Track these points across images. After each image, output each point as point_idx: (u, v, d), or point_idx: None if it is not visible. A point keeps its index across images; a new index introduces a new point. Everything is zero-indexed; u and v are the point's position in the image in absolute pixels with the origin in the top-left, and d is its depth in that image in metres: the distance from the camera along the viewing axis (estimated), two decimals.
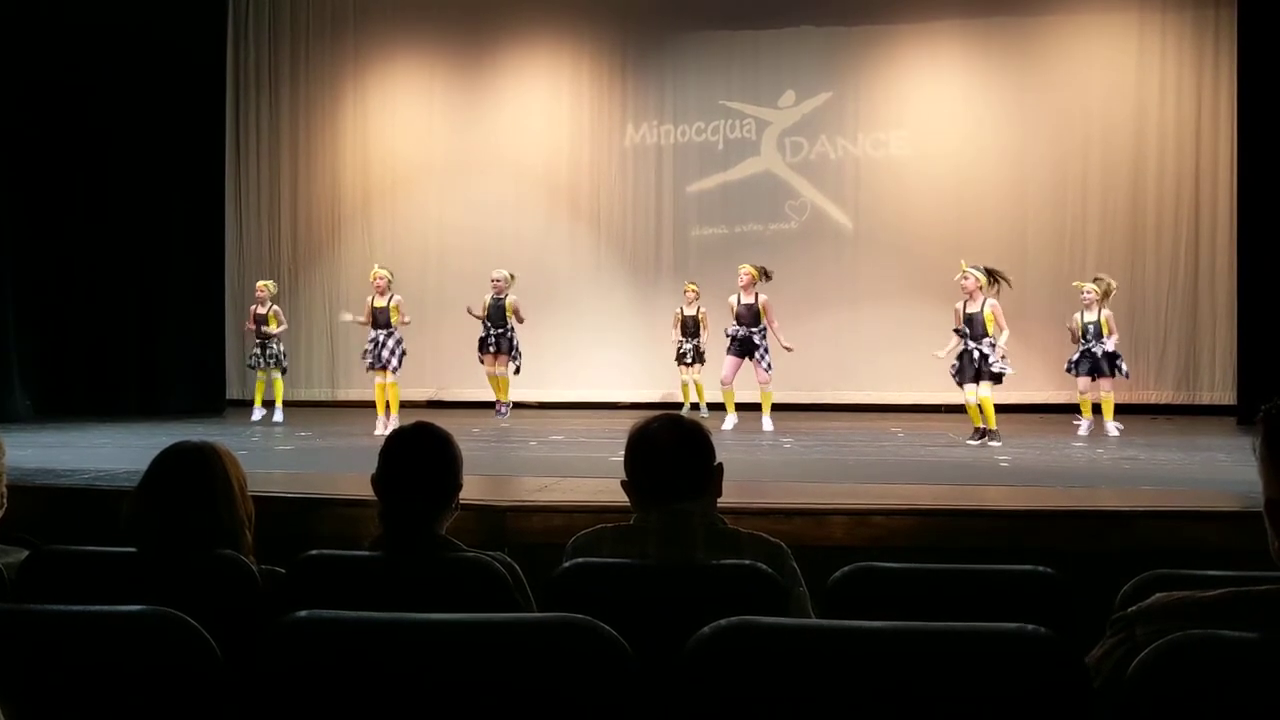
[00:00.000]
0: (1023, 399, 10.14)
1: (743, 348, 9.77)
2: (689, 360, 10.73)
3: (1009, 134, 11.75)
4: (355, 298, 12.71)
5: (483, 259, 12.26)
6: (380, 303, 9.70)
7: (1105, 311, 9.30)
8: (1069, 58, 11.67)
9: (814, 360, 11.43)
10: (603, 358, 12.12)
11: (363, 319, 9.83)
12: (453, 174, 12.70)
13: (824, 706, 1.43)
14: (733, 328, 9.86)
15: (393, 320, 9.64)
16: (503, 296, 10.33)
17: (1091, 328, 9.22)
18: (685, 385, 10.92)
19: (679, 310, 10.87)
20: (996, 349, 8.41)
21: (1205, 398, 11.26)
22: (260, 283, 11.22)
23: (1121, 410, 10.50)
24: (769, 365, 9.73)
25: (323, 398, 12.80)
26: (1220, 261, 11.22)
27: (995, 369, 8.36)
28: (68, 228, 11.21)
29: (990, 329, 8.40)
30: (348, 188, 12.91)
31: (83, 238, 11.27)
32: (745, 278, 9.85)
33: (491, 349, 10.37)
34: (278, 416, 10.68)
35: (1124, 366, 9.36)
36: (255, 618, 2.20)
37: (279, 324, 11.03)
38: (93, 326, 11.41)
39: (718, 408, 10.40)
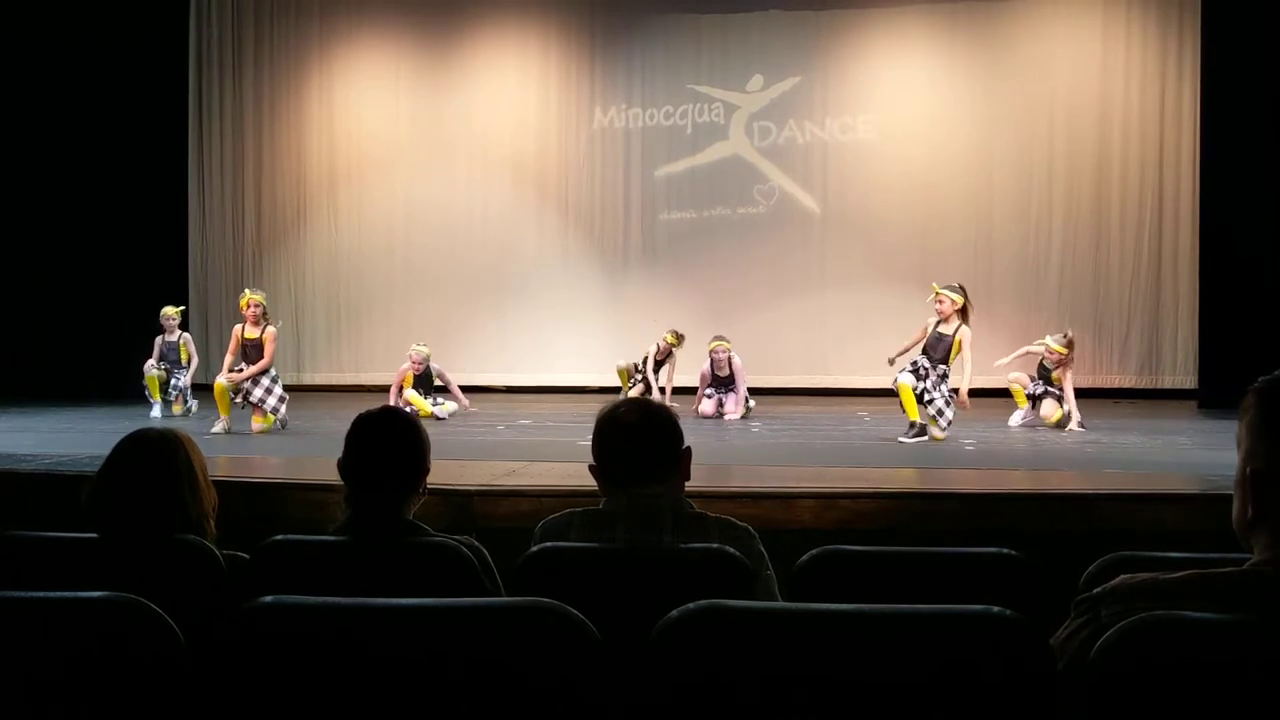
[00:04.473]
0: (986, 383, 10.20)
1: (720, 404, 9.59)
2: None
3: (975, 119, 11.81)
4: (321, 281, 12.63)
5: (450, 242, 12.23)
6: None
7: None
8: (1035, 43, 11.74)
9: (781, 345, 11.48)
10: (571, 342, 12.08)
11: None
12: (419, 157, 12.59)
13: (791, 688, 1.43)
14: (708, 394, 9.62)
15: None
16: (421, 369, 9.36)
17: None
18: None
19: (657, 345, 10.16)
20: (946, 385, 7.78)
21: (1167, 382, 11.38)
22: (166, 309, 9.54)
23: (1084, 394, 10.62)
24: (744, 399, 9.50)
25: (287, 381, 12.68)
26: (1182, 248, 11.34)
27: (934, 407, 7.69)
28: (27, 210, 11.04)
29: (954, 355, 7.84)
30: (313, 169, 12.77)
31: (43, 220, 11.11)
32: (721, 355, 9.54)
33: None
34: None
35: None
36: (219, 603, 2.19)
37: (189, 356, 9.42)
38: (54, 309, 11.27)
39: (682, 392, 10.41)
